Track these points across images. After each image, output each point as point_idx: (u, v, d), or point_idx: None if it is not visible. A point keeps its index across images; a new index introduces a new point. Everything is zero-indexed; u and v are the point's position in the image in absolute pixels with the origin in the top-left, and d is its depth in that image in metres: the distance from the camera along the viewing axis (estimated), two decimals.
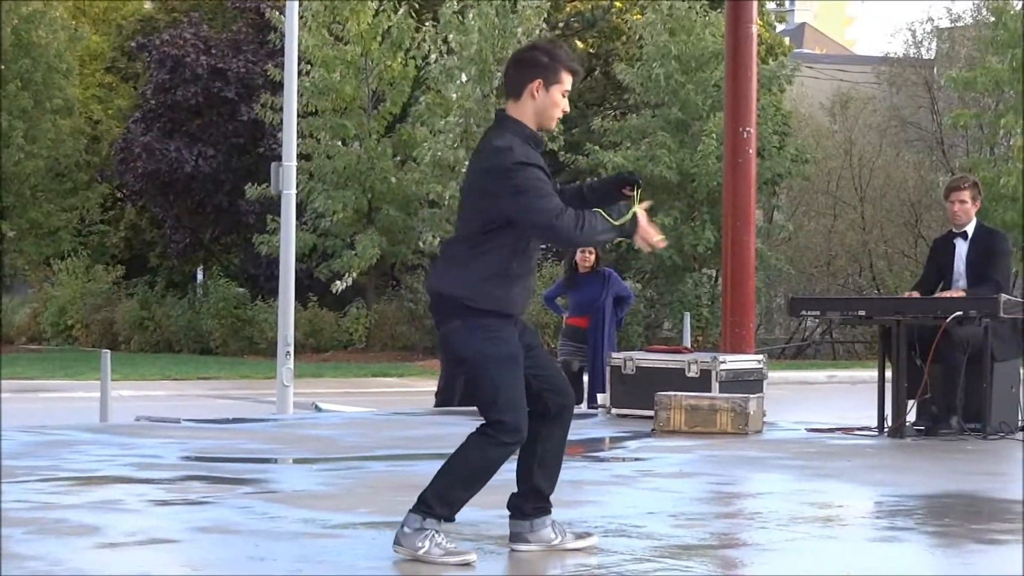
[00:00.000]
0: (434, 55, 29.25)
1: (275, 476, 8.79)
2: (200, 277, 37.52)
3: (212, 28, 35.55)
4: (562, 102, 5.59)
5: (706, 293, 30.64)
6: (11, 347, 36.14)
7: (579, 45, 35.34)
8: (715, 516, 7.06)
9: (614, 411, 11.94)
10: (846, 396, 20.04)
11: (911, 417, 10.46)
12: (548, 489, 5.65)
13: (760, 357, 12.13)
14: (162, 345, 34.83)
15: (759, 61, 20.45)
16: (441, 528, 5.41)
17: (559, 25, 34.54)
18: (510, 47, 28.48)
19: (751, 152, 13.21)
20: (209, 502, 7.00)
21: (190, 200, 34.17)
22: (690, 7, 31.01)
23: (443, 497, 5.40)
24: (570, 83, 5.60)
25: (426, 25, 29.99)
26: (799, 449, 9.87)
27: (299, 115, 21.13)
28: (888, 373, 10.50)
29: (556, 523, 5.67)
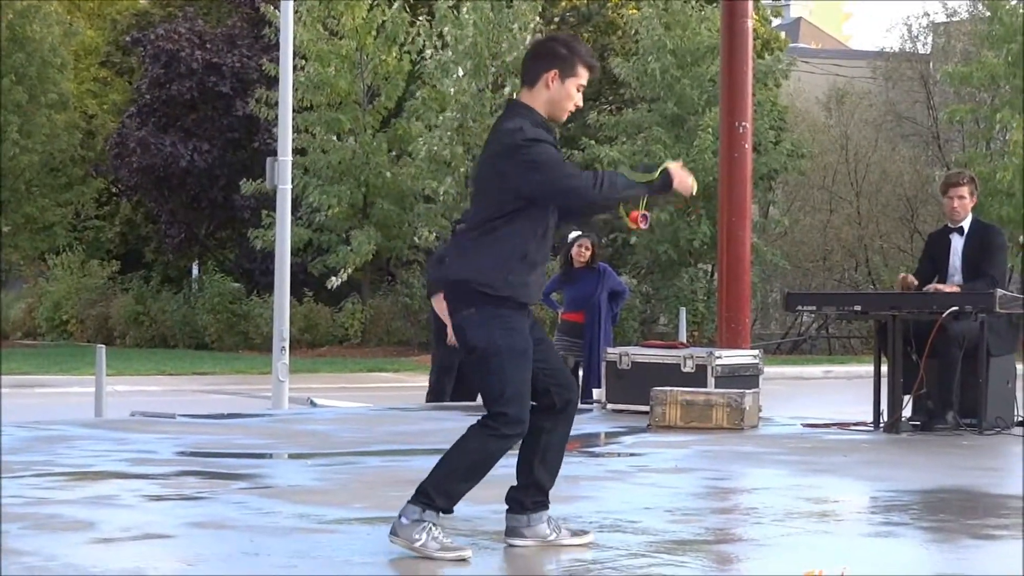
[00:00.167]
0: (429, 50, 29.24)
1: (270, 471, 8.77)
2: (195, 272, 37.51)
3: (207, 23, 35.54)
4: (576, 96, 5.56)
5: (702, 288, 30.65)
6: (6, 342, 36.11)
7: None
8: (711, 511, 7.05)
9: (609, 406, 11.95)
10: (842, 391, 20.04)
11: (907, 412, 10.46)
12: (548, 484, 5.64)
13: (756, 352, 12.12)
14: (157, 340, 34.82)
15: (755, 56, 20.47)
16: (439, 521, 5.39)
17: (555, 20, 34.51)
18: (505, 42, 28.48)
19: (747, 147, 13.20)
20: (204, 497, 6.99)
21: (185, 195, 34.17)
22: (685, 2, 31.01)
23: (442, 488, 5.38)
24: (586, 78, 5.57)
25: (420, 19, 29.97)
26: (795, 444, 9.86)
27: (294, 110, 21.10)
28: (884, 368, 10.51)
29: (552, 519, 5.66)
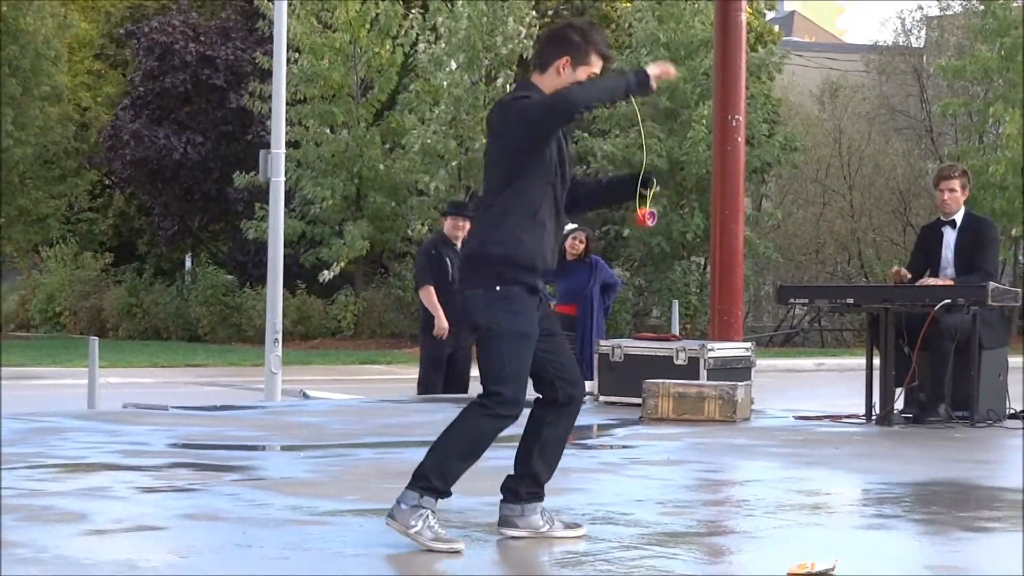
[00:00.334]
0: (422, 43, 29.21)
1: (263, 463, 8.78)
2: (188, 264, 37.50)
3: (201, 15, 35.48)
4: None
5: (694, 281, 30.66)
6: None
7: None
8: (703, 504, 7.06)
9: (602, 399, 11.94)
10: (834, 384, 20.05)
11: (899, 405, 10.47)
12: (545, 476, 5.65)
13: (748, 345, 12.12)
14: (150, 332, 34.80)
15: (748, 49, 20.45)
16: (437, 509, 5.40)
17: (548, 13, 34.49)
18: (499, 35, 28.45)
19: (740, 140, 13.21)
20: (196, 489, 6.99)
21: (178, 187, 34.12)
22: None
23: (439, 469, 5.38)
24: (599, 68, 5.57)
25: (413, 12, 29.94)
26: (787, 437, 9.87)
27: (287, 103, 21.09)
28: (876, 361, 10.51)
29: (546, 511, 5.67)
